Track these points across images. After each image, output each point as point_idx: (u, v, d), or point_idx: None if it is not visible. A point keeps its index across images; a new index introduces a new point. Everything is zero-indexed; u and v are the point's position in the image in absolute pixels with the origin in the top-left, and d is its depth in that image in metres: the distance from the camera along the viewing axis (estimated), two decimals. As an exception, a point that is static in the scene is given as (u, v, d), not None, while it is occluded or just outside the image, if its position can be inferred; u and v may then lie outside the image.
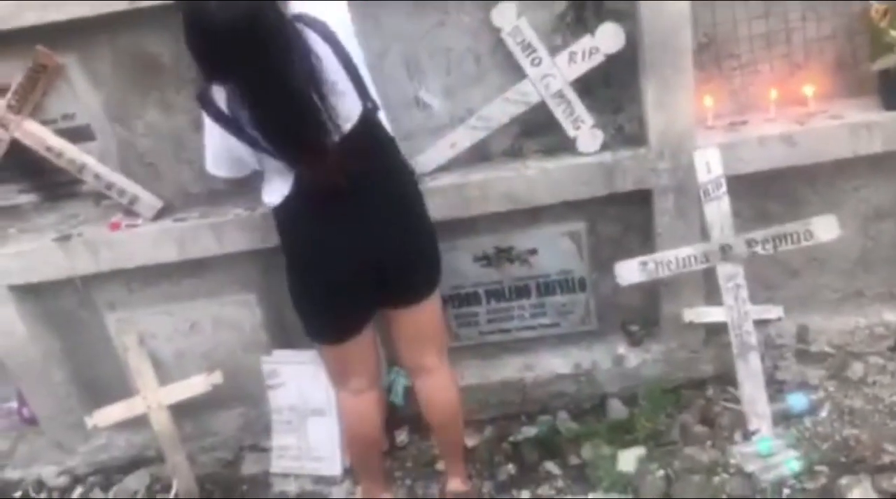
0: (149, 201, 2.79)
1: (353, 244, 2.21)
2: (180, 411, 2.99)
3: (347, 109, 2.10)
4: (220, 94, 2.05)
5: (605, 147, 2.69)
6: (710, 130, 2.66)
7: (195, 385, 2.94)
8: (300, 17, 2.06)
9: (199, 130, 2.24)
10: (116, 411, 2.97)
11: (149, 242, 2.79)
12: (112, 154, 2.77)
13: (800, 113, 2.64)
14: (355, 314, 2.37)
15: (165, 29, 2.53)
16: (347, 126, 2.09)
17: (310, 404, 2.96)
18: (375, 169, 2.20)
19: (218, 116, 2.08)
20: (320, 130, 2.03)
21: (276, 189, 2.19)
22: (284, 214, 2.25)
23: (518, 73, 2.62)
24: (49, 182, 2.84)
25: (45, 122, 2.69)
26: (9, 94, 2.61)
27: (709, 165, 2.58)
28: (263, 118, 1.99)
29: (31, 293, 2.95)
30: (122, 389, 3.04)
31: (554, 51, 2.58)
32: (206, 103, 2.08)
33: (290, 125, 2.00)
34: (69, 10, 2.44)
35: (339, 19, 2.13)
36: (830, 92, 2.67)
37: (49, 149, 2.69)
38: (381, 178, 2.22)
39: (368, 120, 2.16)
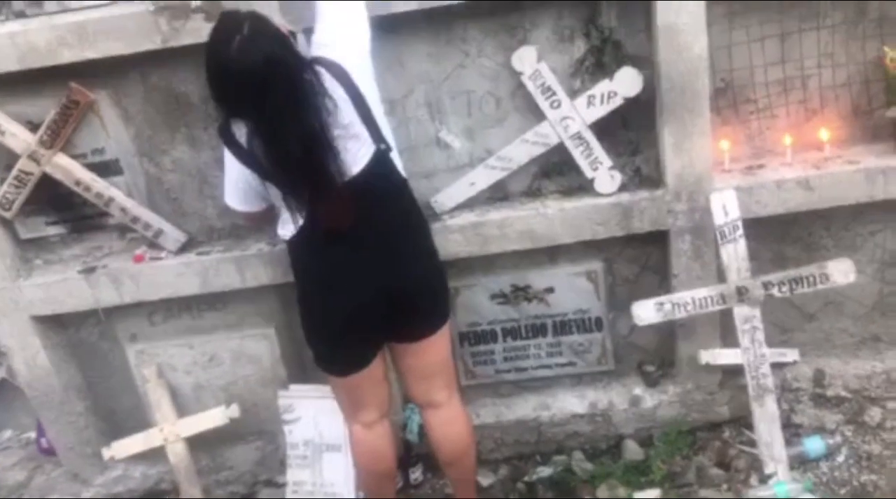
0: (173, 235, 2.84)
1: (363, 278, 2.25)
2: (197, 443, 3.00)
3: (360, 151, 2.16)
4: (239, 129, 2.12)
5: (622, 188, 2.72)
6: (726, 174, 2.69)
7: (213, 418, 2.96)
8: (319, 60, 2.13)
9: (224, 167, 2.30)
10: (134, 442, 2.99)
11: (172, 274, 2.83)
12: (139, 188, 2.83)
13: (816, 158, 2.67)
14: (363, 347, 2.40)
15: (195, 68, 2.60)
16: (357, 167, 2.16)
17: (325, 439, 2.96)
18: (385, 207, 2.26)
19: (236, 150, 2.17)
20: (330, 171, 2.09)
21: (290, 222, 2.25)
22: (297, 247, 2.31)
23: (538, 116, 2.67)
24: (76, 215, 2.90)
25: (75, 157, 2.75)
26: (42, 129, 2.68)
27: (725, 207, 2.61)
28: (276, 156, 2.07)
29: (54, 324, 2.99)
30: (140, 420, 3.07)
31: (573, 94, 2.64)
32: (226, 137, 2.17)
33: (302, 165, 2.07)
34: (104, 48, 2.52)
35: (358, 64, 2.20)
36: (846, 137, 2.71)
37: (78, 183, 2.75)
38: (390, 215, 2.27)
39: (380, 161, 2.21)
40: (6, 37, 2.51)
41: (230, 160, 2.22)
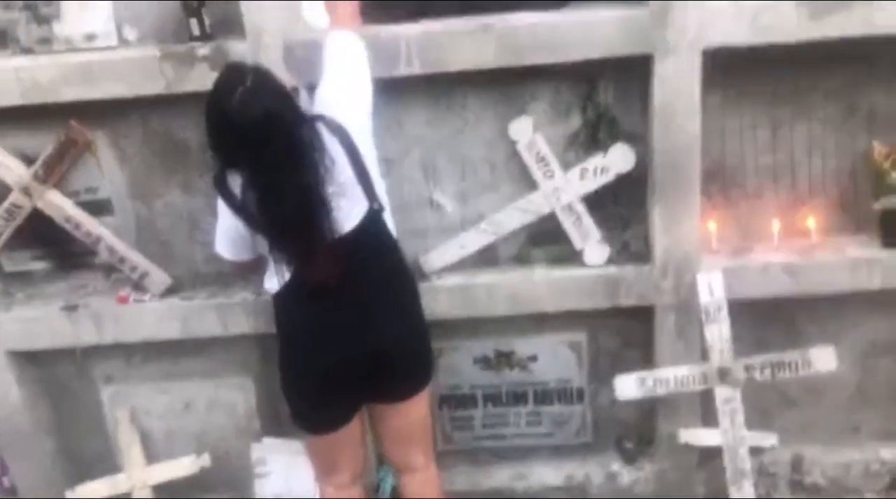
0: (159, 278, 2.83)
1: (346, 337, 2.23)
2: (164, 491, 2.94)
3: (353, 209, 2.17)
4: (234, 180, 2.13)
5: (610, 261, 2.74)
6: (714, 254, 2.72)
7: (182, 467, 2.90)
8: (320, 117, 2.16)
9: (216, 214, 2.31)
10: (99, 487, 2.92)
11: (154, 317, 2.81)
12: (129, 229, 2.83)
13: (802, 245, 2.70)
14: (342, 406, 2.38)
15: (196, 115, 2.59)
16: (349, 226, 2.16)
17: (295, 495, 2.91)
18: (374, 267, 2.25)
19: (229, 200, 2.17)
20: (322, 228, 2.09)
21: (276, 276, 2.24)
22: (282, 301, 2.30)
23: (531, 184, 2.70)
24: (63, 252, 2.89)
25: (68, 194, 2.75)
26: (37, 164, 2.68)
27: (711, 287, 2.62)
28: (269, 209, 2.07)
29: (30, 360, 2.95)
30: (108, 465, 3.00)
31: (567, 166, 2.67)
32: (221, 186, 2.17)
33: (292, 220, 2.07)
34: (107, 89, 2.54)
35: (359, 124, 2.22)
36: (832, 226, 2.74)
37: (68, 219, 2.74)
38: (378, 276, 2.26)
39: (373, 220, 2.22)
40: (12, 71, 2.54)
41: (223, 209, 2.23)
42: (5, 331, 2.84)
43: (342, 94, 2.22)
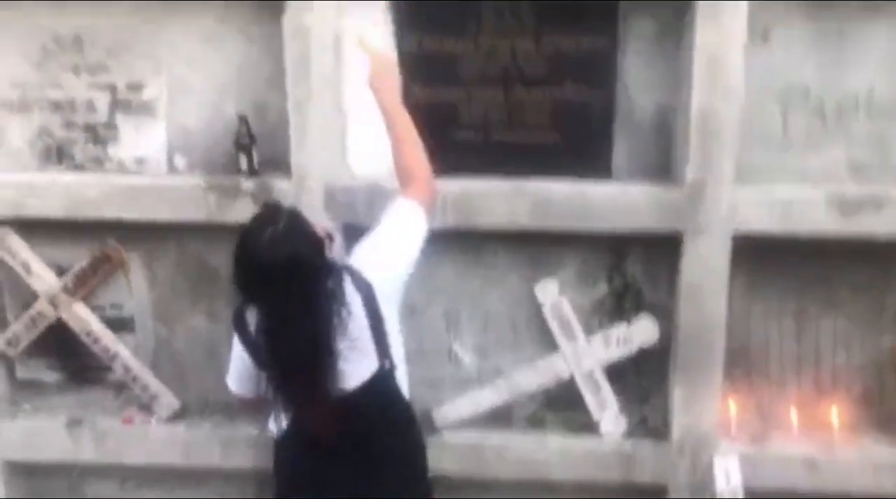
0: (168, 402, 2.80)
1: (341, 491, 2.14)
2: None
3: (361, 365, 2.10)
4: (252, 315, 2.10)
5: (627, 435, 2.69)
6: (732, 439, 2.65)
7: None
8: (348, 269, 2.13)
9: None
10: None
11: (157, 442, 2.77)
12: (147, 349, 2.84)
13: (823, 439, 2.64)
14: None
15: (231, 245, 2.68)
16: (355, 382, 2.08)
17: None
18: (378, 425, 2.16)
19: (242, 335, 2.14)
20: (325, 380, 2.02)
21: (280, 421, 2.17)
22: (280, 446, 2.24)
23: (552, 346, 2.69)
24: (78, 365, 2.90)
25: (93, 308, 2.79)
26: (68, 276, 2.73)
27: (728, 473, 2.55)
28: (275, 350, 2.02)
29: (24, 472, 2.89)
30: None
31: (590, 332, 2.67)
32: (237, 320, 2.14)
33: (297, 365, 2.02)
34: (148, 212, 2.62)
35: (388, 292, 2.15)
36: (855, 423, 2.68)
37: (88, 333, 2.76)
38: (382, 434, 2.17)
39: (382, 379, 2.14)
40: (61, 186, 2.63)
41: (237, 342, 2.22)
42: (5, 440, 2.81)
43: (380, 259, 2.18)
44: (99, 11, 2.65)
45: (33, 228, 2.73)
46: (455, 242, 2.65)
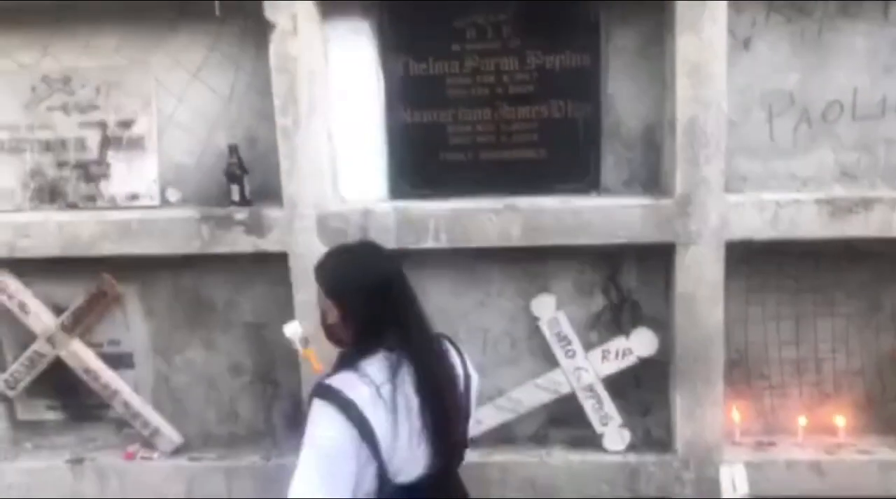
0: (169, 436, 2.79)
1: None
2: None
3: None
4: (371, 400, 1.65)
5: (631, 448, 2.68)
6: (737, 446, 2.65)
7: None
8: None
9: (234, 374, 2.25)
10: None
11: (159, 477, 2.75)
12: (146, 384, 2.83)
13: (828, 443, 2.63)
14: None
15: (226, 275, 2.70)
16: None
17: None
18: None
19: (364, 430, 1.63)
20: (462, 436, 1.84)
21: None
22: None
23: (551, 362, 2.69)
24: (78, 403, 2.88)
25: (91, 345, 2.78)
26: (65, 314, 2.73)
27: (734, 482, 2.53)
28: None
29: (26, 512, 2.87)
30: None
31: (589, 346, 2.67)
32: (358, 417, 1.62)
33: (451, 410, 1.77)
34: (143, 246, 2.62)
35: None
36: (859, 425, 2.68)
37: (87, 371, 2.75)
38: None
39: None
40: (55, 225, 2.64)
41: (344, 451, 1.65)
42: (7, 481, 2.79)
43: None
44: (87, 51, 2.69)
45: (29, 268, 2.74)
46: (449, 262, 2.66)
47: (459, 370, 1.87)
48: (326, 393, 1.63)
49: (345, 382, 1.65)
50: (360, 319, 1.75)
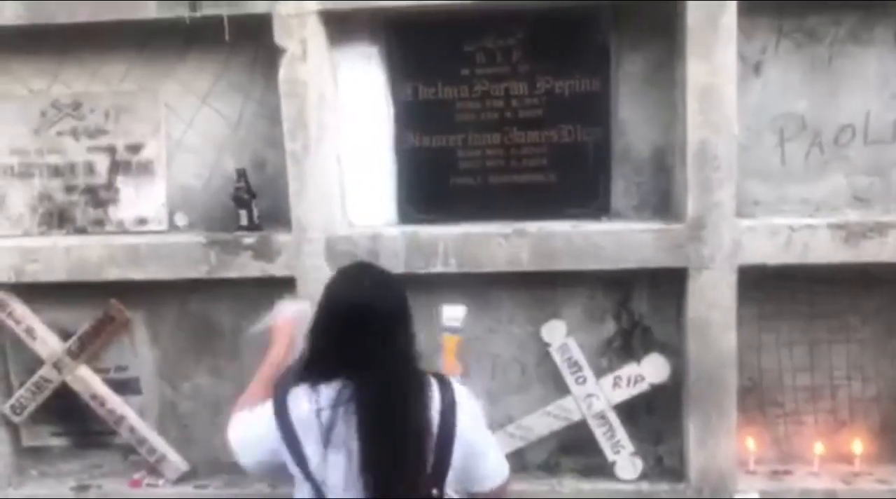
0: (175, 463, 2.76)
1: None
2: None
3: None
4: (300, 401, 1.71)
5: (643, 476, 2.63)
6: (751, 475, 2.60)
7: None
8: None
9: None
10: None
11: (164, 505, 2.72)
12: (152, 410, 2.81)
13: (845, 471, 2.59)
14: None
15: (232, 300, 2.68)
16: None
17: None
18: None
19: (285, 428, 1.71)
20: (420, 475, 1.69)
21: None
22: None
23: (562, 389, 2.65)
24: (83, 429, 2.86)
25: (97, 371, 2.77)
26: (72, 340, 2.72)
27: (749, 512, 2.49)
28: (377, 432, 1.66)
29: (30, 540, 2.84)
30: None
31: (600, 373, 2.64)
32: (280, 407, 1.71)
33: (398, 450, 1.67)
34: (151, 272, 2.62)
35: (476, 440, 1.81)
36: (874, 453, 2.63)
37: (94, 396, 2.74)
38: None
39: None
40: (62, 249, 2.63)
41: (269, 433, 1.74)
42: (13, 508, 2.76)
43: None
44: (96, 77, 2.70)
45: (36, 293, 2.73)
46: (459, 287, 2.63)
47: (435, 418, 1.71)
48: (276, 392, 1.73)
49: (297, 392, 1.69)
50: (310, 339, 1.74)
